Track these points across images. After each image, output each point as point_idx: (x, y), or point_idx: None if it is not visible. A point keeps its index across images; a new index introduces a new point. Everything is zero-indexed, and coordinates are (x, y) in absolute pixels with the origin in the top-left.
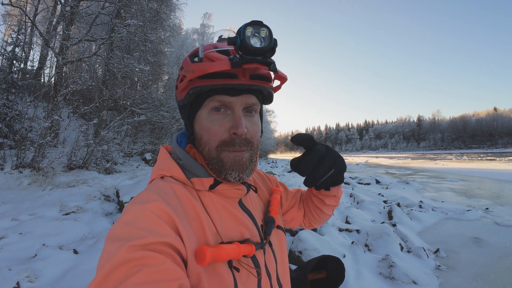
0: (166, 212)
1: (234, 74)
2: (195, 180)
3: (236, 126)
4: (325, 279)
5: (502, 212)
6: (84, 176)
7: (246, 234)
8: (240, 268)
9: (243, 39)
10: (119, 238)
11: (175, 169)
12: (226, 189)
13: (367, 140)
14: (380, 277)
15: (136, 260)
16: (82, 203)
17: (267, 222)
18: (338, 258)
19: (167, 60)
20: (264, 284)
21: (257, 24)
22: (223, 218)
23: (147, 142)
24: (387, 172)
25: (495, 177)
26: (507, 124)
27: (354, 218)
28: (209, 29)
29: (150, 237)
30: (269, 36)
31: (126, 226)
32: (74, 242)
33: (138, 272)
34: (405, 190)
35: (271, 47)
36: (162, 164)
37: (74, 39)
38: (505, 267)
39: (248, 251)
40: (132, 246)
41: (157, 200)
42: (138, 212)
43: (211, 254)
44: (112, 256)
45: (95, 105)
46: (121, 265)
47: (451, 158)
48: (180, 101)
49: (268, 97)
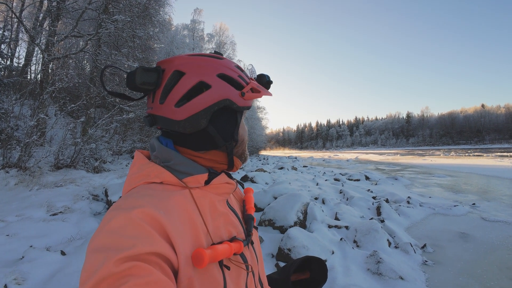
0: (155, 219)
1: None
2: (188, 179)
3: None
4: (308, 280)
5: (489, 207)
6: (72, 175)
7: (233, 232)
8: (230, 266)
9: (268, 77)
10: (104, 248)
11: (165, 173)
12: (219, 183)
13: (358, 136)
14: (368, 273)
15: (123, 271)
16: (70, 203)
17: (247, 220)
18: (321, 259)
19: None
20: (250, 282)
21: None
22: (213, 217)
23: (137, 140)
24: (376, 168)
25: (482, 173)
26: (494, 120)
27: (343, 215)
28: (199, 25)
29: (138, 247)
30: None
31: (112, 235)
32: (61, 243)
33: (125, 283)
34: (393, 186)
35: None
36: (144, 170)
37: (61, 35)
38: (491, 262)
39: (237, 249)
40: (119, 259)
41: (144, 206)
42: (124, 219)
43: (208, 256)
44: (97, 269)
45: (83, 102)
46: (107, 278)
47: (439, 154)
48: (243, 108)
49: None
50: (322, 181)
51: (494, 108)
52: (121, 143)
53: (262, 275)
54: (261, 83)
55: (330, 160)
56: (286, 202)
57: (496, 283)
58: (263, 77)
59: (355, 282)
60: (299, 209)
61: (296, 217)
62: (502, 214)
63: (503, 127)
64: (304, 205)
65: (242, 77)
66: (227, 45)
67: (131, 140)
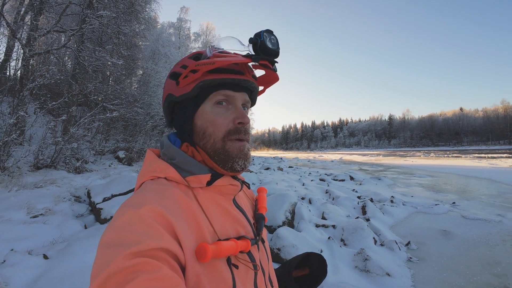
0: (162, 215)
1: (241, 71)
2: (191, 178)
3: (241, 117)
4: (308, 276)
5: (468, 206)
6: (52, 176)
7: (241, 231)
8: (238, 265)
9: (262, 40)
10: (113, 244)
11: (169, 169)
12: (222, 185)
13: (342, 137)
14: (356, 271)
15: (132, 267)
16: (51, 205)
17: (258, 219)
18: (321, 255)
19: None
20: (259, 281)
21: (269, 32)
22: (219, 216)
23: (120, 140)
24: (360, 169)
25: (461, 173)
26: (472, 123)
27: (330, 214)
28: (186, 24)
29: (146, 243)
30: (277, 43)
31: (120, 231)
32: (43, 246)
33: (134, 279)
34: (377, 186)
35: (278, 51)
36: (152, 166)
37: (43, 29)
38: (473, 259)
39: (244, 247)
40: (128, 254)
41: (152, 203)
42: (133, 216)
43: (212, 250)
44: (107, 264)
45: (64, 100)
46: (117, 273)
47: (420, 155)
48: (180, 97)
49: (253, 99)
50: (308, 181)
51: (472, 111)
52: (103, 142)
53: (272, 274)
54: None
55: (315, 161)
56: (274, 202)
57: (479, 278)
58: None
59: (344, 279)
60: (287, 209)
61: (284, 216)
62: (481, 212)
63: (480, 130)
64: (292, 205)
65: (186, 65)
66: None
67: (115, 140)
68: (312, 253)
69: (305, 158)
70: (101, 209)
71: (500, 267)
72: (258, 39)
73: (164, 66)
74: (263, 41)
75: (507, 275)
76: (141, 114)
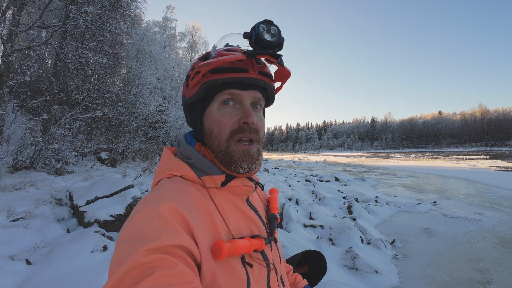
0: (179, 213)
1: (244, 69)
2: (206, 178)
3: (246, 116)
4: (308, 273)
5: (448, 205)
6: (32, 177)
7: (255, 230)
8: (252, 264)
9: (258, 33)
10: (131, 239)
11: (185, 168)
12: (236, 186)
13: (326, 139)
14: (345, 269)
15: (149, 263)
16: (32, 208)
17: (270, 219)
18: (320, 252)
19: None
20: (272, 280)
21: (268, 22)
22: (233, 216)
23: (103, 140)
24: (344, 170)
25: (440, 174)
26: (450, 126)
27: (317, 214)
28: (172, 23)
29: (163, 240)
30: (278, 33)
31: (139, 227)
32: (25, 251)
33: (150, 275)
34: (362, 186)
35: (280, 42)
36: (169, 164)
37: (24, 25)
38: (455, 255)
39: (258, 245)
40: (146, 250)
41: (169, 201)
42: (151, 213)
43: (227, 248)
44: (125, 259)
45: (44, 98)
46: (134, 268)
47: (401, 156)
48: (190, 98)
49: (270, 97)
50: (294, 182)
51: (451, 114)
52: (85, 143)
53: (283, 274)
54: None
55: (300, 162)
56: None
57: (462, 273)
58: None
59: (333, 278)
60: None
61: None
62: (461, 211)
63: (458, 132)
64: (280, 206)
65: (194, 67)
66: (200, 45)
67: (97, 140)
68: (312, 250)
69: (290, 160)
70: (85, 212)
71: (482, 263)
72: (253, 32)
73: (149, 65)
74: (258, 34)
75: (489, 270)
76: (125, 114)
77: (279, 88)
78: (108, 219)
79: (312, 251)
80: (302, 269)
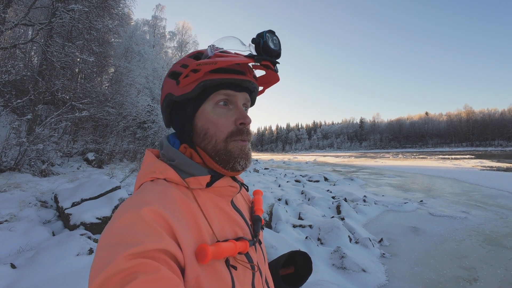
0: (162, 217)
1: (242, 71)
2: (191, 179)
3: (243, 118)
4: (294, 274)
5: (435, 203)
6: (16, 179)
7: (239, 232)
8: (237, 266)
9: (265, 41)
10: (113, 244)
11: (169, 170)
12: (222, 186)
13: (315, 140)
14: (333, 268)
15: (131, 268)
16: (16, 211)
17: (255, 221)
18: (306, 253)
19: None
20: (257, 282)
21: (272, 32)
22: (218, 218)
23: (90, 141)
24: (333, 170)
25: (427, 173)
26: (436, 126)
27: (306, 214)
28: (161, 22)
29: (146, 244)
30: (278, 43)
31: (120, 231)
32: (10, 255)
33: (133, 280)
34: (350, 186)
35: (279, 52)
36: (152, 167)
37: (10, 22)
38: (441, 253)
39: (242, 248)
40: (128, 255)
41: (152, 204)
42: (133, 217)
43: (211, 251)
44: (107, 265)
45: (29, 98)
46: (116, 274)
47: (389, 156)
48: (181, 96)
49: (253, 99)
50: (284, 182)
51: (437, 115)
52: (71, 144)
53: (268, 276)
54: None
55: (290, 163)
56: None
57: (449, 271)
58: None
59: (322, 277)
60: (264, 210)
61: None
62: (447, 209)
63: (444, 133)
64: (269, 206)
65: (186, 64)
66: (189, 45)
67: (83, 141)
68: (298, 251)
69: (280, 160)
70: (70, 214)
71: (468, 261)
72: (260, 39)
73: (138, 65)
74: (266, 42)
75: (475, 268)
76: (113, 114)
77: (261, 92)
78: (95, 221)
79: (298, 252)
80: (288, 270)
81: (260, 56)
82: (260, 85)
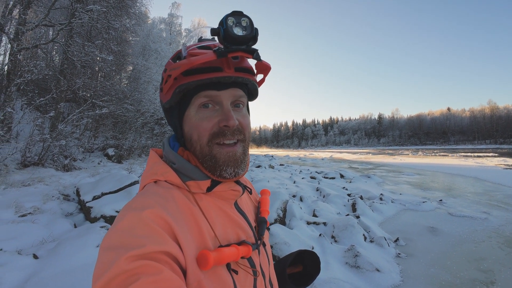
0: (164, 219)
1: (219, 67)
2: (191, 183)
3: (226, 119)
4: (302, 273)
5: (454, 203)
6: (40, 173)
7: (242, 235)
8: (238, 270)
9: (226, 28)
10: (115, 247)
11: (169, 173)
12: (223, 191)
13: (332, 136)
14: (346, 266)
15: (133, 269)
16: (39, 204)
17: (259, 223)
18: (314, 252)
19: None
20: (259, 284)
21: (238, 14)
22: (220, 221)
23: (110, 137)
24: (350, 167)
25: (448, 171)
26: (459, 123)
27: (320, 211)
28: (177, 19)
29: (148, 246)
30: (250, 25)
31: (123, 234)
32: (33, 246)
33: (135, 281)
34: (367, 184)
35: (253, 35)
36: (154, 168)
37: (31, 23)
38: (459, 254)
39: (245, 253)
40: (130, 257)
41: (154, 207)
42: (135, 219)
43: (213, 258)
44: (109, 267)
45: (52, 96)
46: (118, 275)
47: (408, 153)
48: (166, 103)
49: (253, 92)
50: (299, 179)
51: (459, 111)
52: (92, 140)
53: (273, 277)
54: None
55: (305, 159)
56: None
57: (466, 273)
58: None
59: (335, 275)
60: (278, 207)
61: (276, 214)
62: (467, 210)
63: (467, 129)
64: (284, 202)
65: (166, 68)
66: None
67: (104, 137)
68: (306, 250)
69: (296, 156)
70: (91, 207)
71: (486, 263)
72: (220, 28)
73: (155, 62)
74: (227, 30)
75: (493, 270)
76: (131, 111)
77: (262, 81)
78: (114, 215)
79: (306, 251)
80: (296, 268)
81: (224, 50)
82: (259, 72)
